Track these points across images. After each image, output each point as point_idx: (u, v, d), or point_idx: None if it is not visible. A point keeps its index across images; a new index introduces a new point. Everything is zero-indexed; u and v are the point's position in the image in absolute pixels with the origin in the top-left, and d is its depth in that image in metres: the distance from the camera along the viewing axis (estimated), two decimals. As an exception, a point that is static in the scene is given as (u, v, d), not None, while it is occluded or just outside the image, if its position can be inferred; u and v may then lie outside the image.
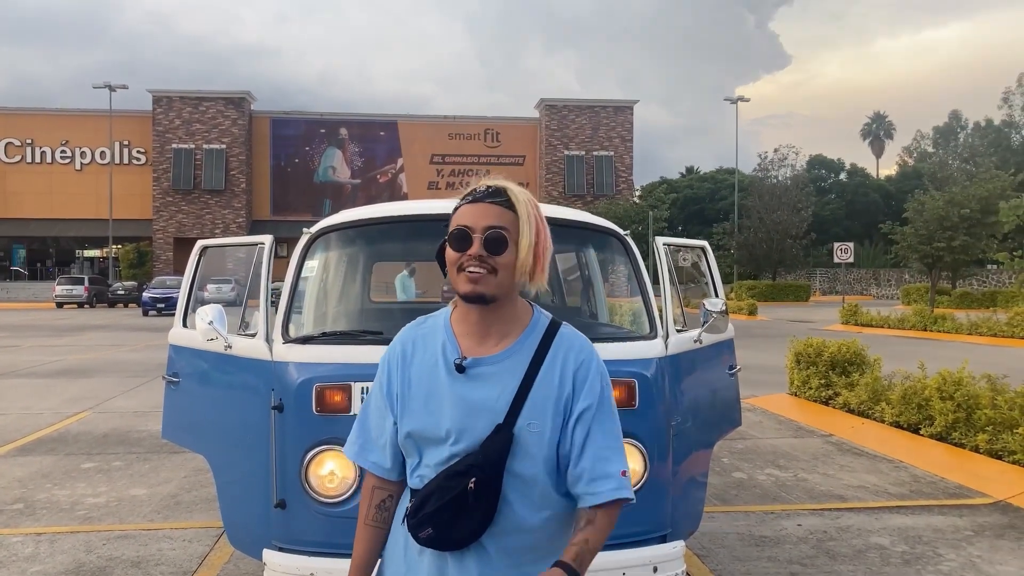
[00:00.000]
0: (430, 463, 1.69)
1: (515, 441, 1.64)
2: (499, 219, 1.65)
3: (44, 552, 4.72)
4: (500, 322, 1.72)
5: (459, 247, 1.65)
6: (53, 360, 15.27)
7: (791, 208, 47.11)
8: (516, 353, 1.71)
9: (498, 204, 1.67)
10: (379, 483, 1.80)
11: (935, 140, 68.43)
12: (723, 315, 3.56)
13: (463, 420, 1.66)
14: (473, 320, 1.72)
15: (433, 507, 1.63)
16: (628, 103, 55.96)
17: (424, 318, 1.84)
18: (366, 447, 1.81)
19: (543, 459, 1.67)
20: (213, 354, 3.53)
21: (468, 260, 1.63)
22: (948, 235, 27.52)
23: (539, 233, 1.70)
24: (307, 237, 3.50)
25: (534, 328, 1.75)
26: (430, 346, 1.76)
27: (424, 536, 1.65)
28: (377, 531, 1.80)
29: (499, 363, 1.70)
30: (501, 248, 1.64)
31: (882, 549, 4.77)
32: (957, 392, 7.11)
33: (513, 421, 1.65)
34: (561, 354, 1.73)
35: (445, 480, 1.64)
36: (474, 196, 1.69)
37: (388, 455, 1.78)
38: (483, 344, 1.72)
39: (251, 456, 3.26)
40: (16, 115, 52.52)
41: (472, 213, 1.67)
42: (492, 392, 1.68)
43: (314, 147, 54.18)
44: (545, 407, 1.67)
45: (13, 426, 8.60)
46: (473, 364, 1.69)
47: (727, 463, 6.91)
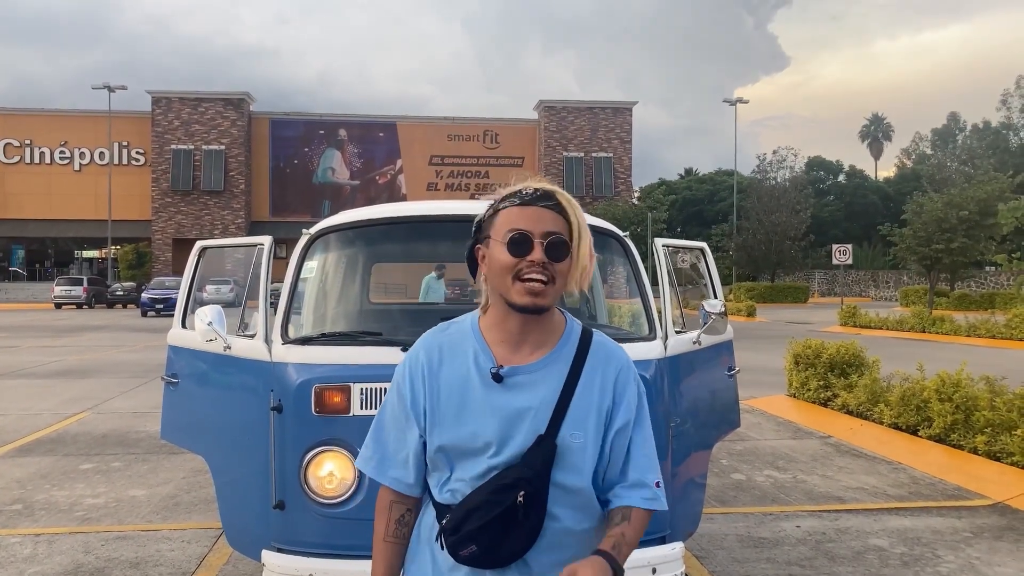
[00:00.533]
0: (464, 477, 1.62)
1: (558, 452, 1.59)
2: (555, 225, 1.59)
3: (42, 553, 4.71)
4: (538, 330, 1.66)
5: (518, 252, 1.56)
6: (52, 361, 15.26)
7: (790, 210, 47.15)
8: (554, 362, 1.65)
9: (550, 209, 1.60)
10: (398, 498, 1.72)
11: (933, 142, 68.47)
12: (722, 317, 3.56)
13: (503, 431, 1.60)
14: (512, 328, 1.64)
15: (478, 523, 1.56)
16: (627, 104, 55.99)
17: (447, 324, 1.74)
18: (385, 462, 1.71)
19: (587, 469, 1.63)
20: (212, 355, 3.53)
21: (529, 267, 1.56)
22: (947, 237, 27.57)
23: (590, 241, 1.64)
24: (306, 238, 3.50)
25: (569, 336, 1.70)
26: (459, 354, 1.67)
27: (467, 554, 1.58)
28: (397, 547, 1.72)
29: (537, 372, 1.64)
30: (562, 255, 1.58)
31: (881, 551, 4.78)
32: (956, 394, 7.12)
33: (555, 431, 1.60)
34: (600, 363, 1.69)
35: (490, 495, 1.56)
36: (523, 198, 1.61)
37: (411, 470, 1.69)
38: (518, 352, 1.65)
39: (250, 457, 3.25)
40: (15, 115, 52.51)
41: (528, 216, 1.59)
42: (532, 402, 1.62)
43: (313, 148, 54.18)
44: (587, 416, 1.63)
45: (12, 427, 8.60)
46: (511, 373, 1.63)
47: (726, 464, 6.91)
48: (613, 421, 1.67)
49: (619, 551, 1.58)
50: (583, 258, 1.61)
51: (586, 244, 1.61)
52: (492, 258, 1.61)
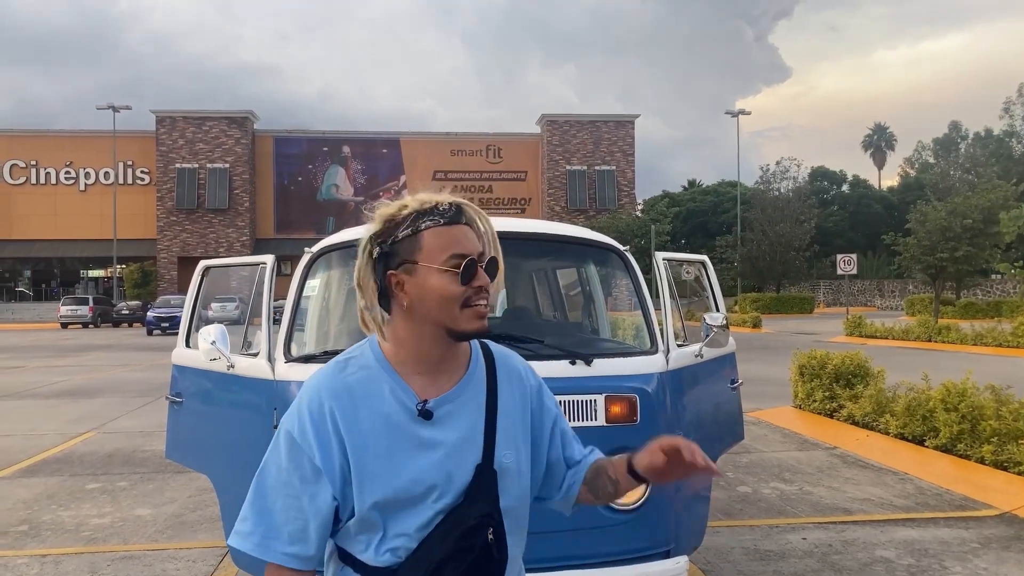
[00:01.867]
0: (406, 531, 1.44)
1: (498, 477, 1.50)
2: (479, 242, 1.48)
3: (49, 573, 4.72)
4: (454, 355, 1.53)
5: (467, 279, 1.43)
6: (58, 380, 15.29)
7: (794, 220, 47.14)
8: (469, 385, 1.53)
9: (465, 224, 1.48)
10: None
11: (935, 151, 68.48)
12: (724, 329, 3.57)
13: (445, 470, 1.45)
14: (435, 359, 1.50)
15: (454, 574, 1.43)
16: (629, 117, 56.18)
17: (342, 361, 1.53)
18: (272, 535, 1.45)
19: (525, 485, 1.58)
20: (216, 374, 3.55)
21: (477, 293, 1.45)
22: (951, 245, 27.54)
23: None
24: (308, 257, 3.52)
25: (477, 355, 1.59)
26: (373, 393, 1.47)
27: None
28: None
29: (458, 398, 1.51)
30: (495, 274, 1.50)
31: (888, 562, 4.76)
32: (961, 403, 7.09)
33: (491, 457, 1.50)
34: (507, 377, 1.60)
35: (461, 540, 1.43)
36: (446, 217, 1.46)
37: (312, 540, 1.45)
38: (435, 383, 1.50)
39: (254, 475, 3.26)
40: (20, 137, 52.89)
41: (463, 238, 1.46)
42: (463, 431, 1.49)
43: (317, 165, 54.43)
44: (515, 432, 1.56)
45: (18, 447, 8.61)
46: (437, 405, 1.47)
47: (732, 477, 6.89)
48: (543, 429, 1.64)
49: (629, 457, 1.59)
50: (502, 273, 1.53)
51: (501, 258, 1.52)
52: (427, 287, 1.43)
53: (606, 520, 3.04)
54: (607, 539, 3.06)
